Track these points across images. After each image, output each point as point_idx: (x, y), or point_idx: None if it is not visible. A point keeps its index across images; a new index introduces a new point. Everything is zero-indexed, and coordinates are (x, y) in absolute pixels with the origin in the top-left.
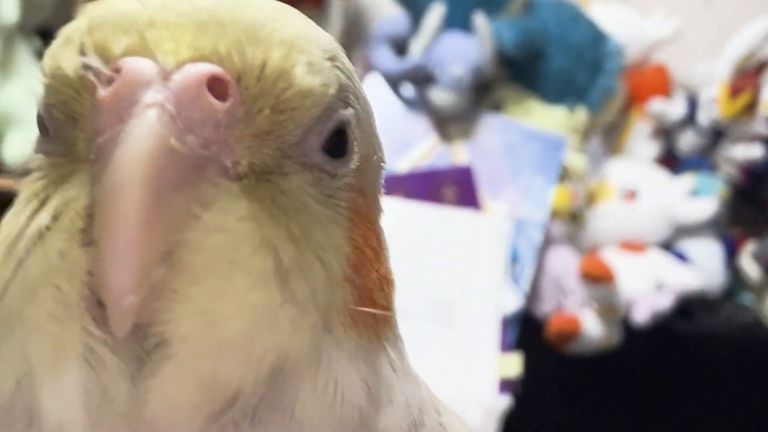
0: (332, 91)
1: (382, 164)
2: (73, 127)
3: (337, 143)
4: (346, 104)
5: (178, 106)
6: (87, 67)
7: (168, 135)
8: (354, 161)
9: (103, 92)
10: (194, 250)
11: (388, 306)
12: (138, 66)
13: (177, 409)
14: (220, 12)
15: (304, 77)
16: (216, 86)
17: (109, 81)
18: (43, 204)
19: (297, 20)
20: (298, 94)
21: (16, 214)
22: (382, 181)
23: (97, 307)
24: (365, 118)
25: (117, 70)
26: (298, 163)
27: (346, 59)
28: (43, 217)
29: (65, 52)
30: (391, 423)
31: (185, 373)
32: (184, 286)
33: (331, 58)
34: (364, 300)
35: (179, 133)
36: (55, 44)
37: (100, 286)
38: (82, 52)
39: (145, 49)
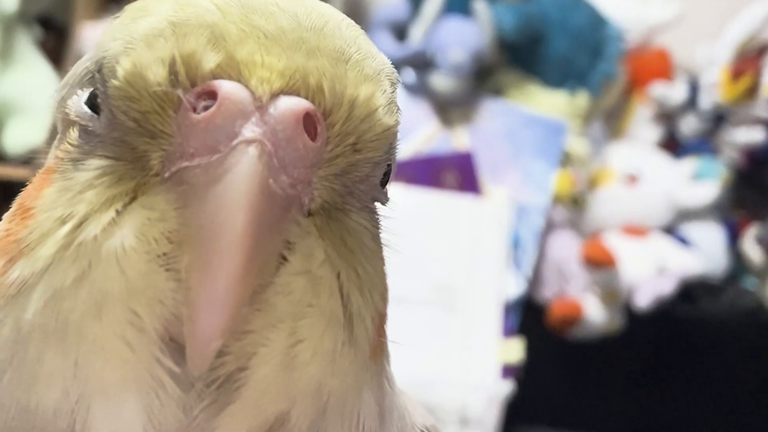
0: (398, 127)
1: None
2: (145, 139)
3: (386, 176)
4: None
5: (275, 144)
6: (175, 82)
7: (267, 176)
8: (389, 190)
9: (196, 116)
10: (279, 292)
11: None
12: (235, 93)
13: None
14: (306, 36)
15: (384, 117)
16: (307, 123)
17: (204, 107)
18: (117, 215)
19: (367, 43)
20: (378, 134)
21: (67, 203)
22: None
23: (168, 336)
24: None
25: (210, 93)
26: (358, 199)
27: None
28: (126, 234)
29: (148, 57)
30: None
31: (254, 411)
32: (265, 327)
33: (394, 87)
34: (380, 327)
35: (275, 172)
36: (130, 42)
37: (185, 324)
38: (172, 66)
39: (237, 72)
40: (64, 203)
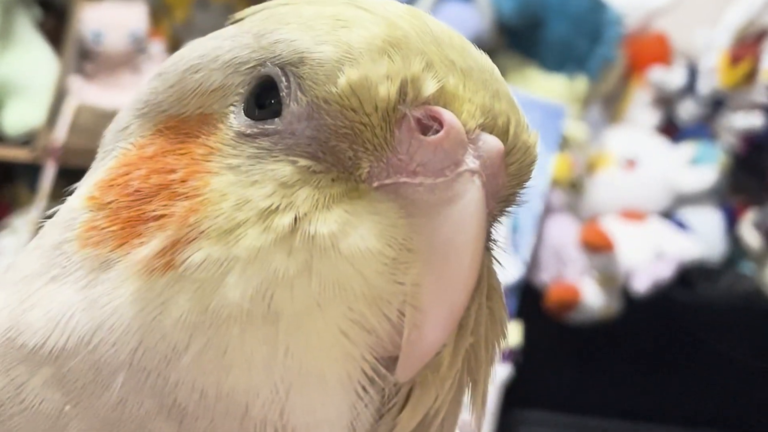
0: None
1: None
2: (357, 147)
3: None
4: None
5: (486, 177)
6: (402, 101)
7: (486, 205)
8: None
9: (426, 138)
10: (483, 314)
11: None
12: (458, 123)
13: None
14: (486, 77)
15: (537, 152)
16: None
17: (433, 129)
18: (348, 215)
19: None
20: (533, 169)
21: (271, 196)
22: None
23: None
24: None
25: (435, 118)
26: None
27: None
28: (366, 235)
29: (377, 73)
30: None
31: (418, 415)
32: (463, 345)
33: None
34: None
35: (488, 202)
36: (348, 52)
37: (407, 330)
38: (403, 85)
39: (447, 103)
40: (265, 195)
